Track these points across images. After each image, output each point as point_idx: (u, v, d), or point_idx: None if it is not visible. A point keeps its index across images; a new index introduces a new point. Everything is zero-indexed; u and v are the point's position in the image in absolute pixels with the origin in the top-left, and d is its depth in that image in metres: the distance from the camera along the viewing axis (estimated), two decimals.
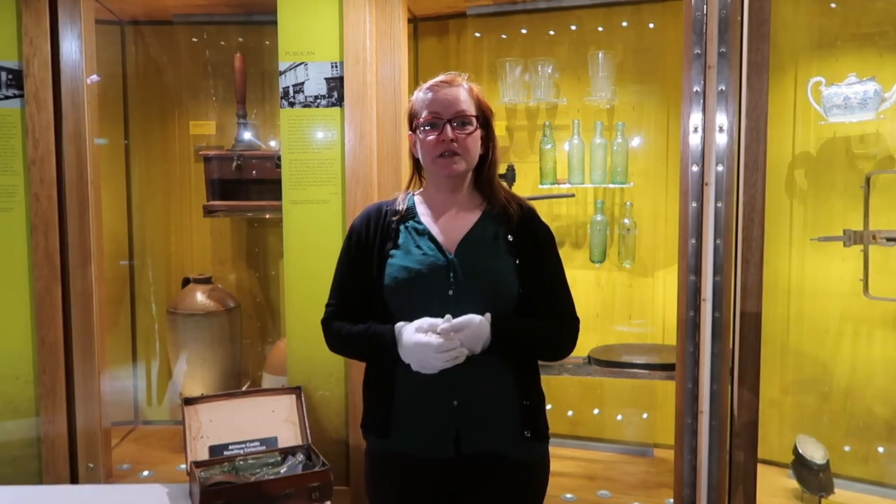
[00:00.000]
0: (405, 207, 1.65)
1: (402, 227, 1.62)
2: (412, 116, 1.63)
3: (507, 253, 1.60)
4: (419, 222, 1.62)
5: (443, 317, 1.51)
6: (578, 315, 1.67)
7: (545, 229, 1.68)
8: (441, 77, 1.62)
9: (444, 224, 1.62)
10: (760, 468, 2.29)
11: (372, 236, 1.63)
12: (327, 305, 1.68)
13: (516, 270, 1.58)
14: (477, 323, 1.50)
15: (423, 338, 1.48)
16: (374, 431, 1.62)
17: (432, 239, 1.59)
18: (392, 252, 1.59)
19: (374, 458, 1.66)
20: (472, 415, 1.55)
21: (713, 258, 2.16)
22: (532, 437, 1.59)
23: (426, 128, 1.58)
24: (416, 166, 1.69)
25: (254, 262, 3.56)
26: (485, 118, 1.63)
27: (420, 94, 1.61)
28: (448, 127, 1.55)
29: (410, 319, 1.55)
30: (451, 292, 1.54)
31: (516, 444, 1.58)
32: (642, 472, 3.00)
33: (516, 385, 1.59)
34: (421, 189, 1.70)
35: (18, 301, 2.67)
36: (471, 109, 1.59)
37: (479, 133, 1.60)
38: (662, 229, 3.12)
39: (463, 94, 1.59)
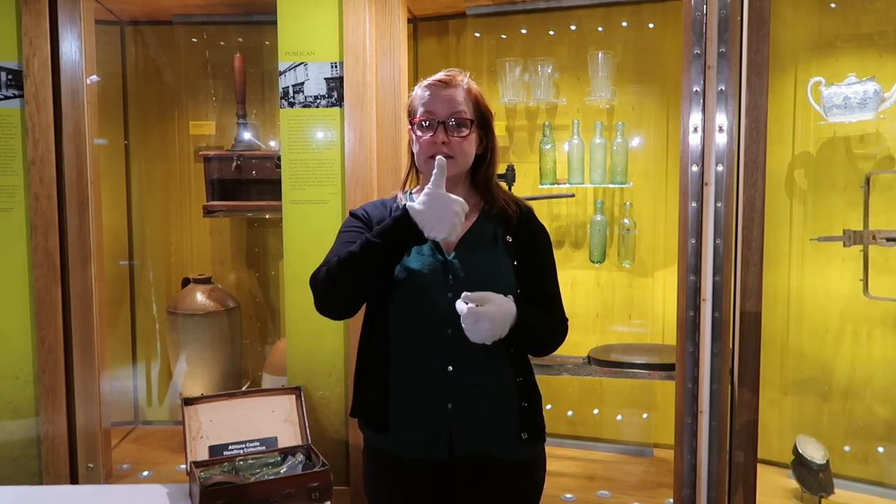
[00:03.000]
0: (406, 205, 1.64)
1: None
2: (410, 112, 1.63)
3: (505, 253, 1.59)
4: None
5: (441, 320, 1.51)
6: (574, 314, 1.68)
7: (542, 229, 1.68)
8: (441, 75, 1.60)
9: None
10: (760, 468, 2.29)
11: (377, 225, 1.59)
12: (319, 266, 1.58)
13: (514, 271, 1.58)
14: (503, 299, 1.47)
15: (440, 191, 1.44)
16: (371, 426, 1.61)
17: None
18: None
19: (371, 454, 1.66)
20: (467, 417, 1.55)
21: (713, 258, 2.16)
22: (529, 439, 1.59)
23: (421, 126, 1.57)
24: (414, 161, 1.68)
25: (254, 262, 3.56)
26: (483, 119, 1.62)
27: (419, 91, 1.61)
28: (442, 128, 1.54)
29: (408, 322, 1.54)
30: (450, 294, 1.53)
31: (513, 445, 1.58)
32: (642, 472, 3.00)
33: (517, 387, 1.59)
34: (418, 187, 1.70)
35: (18, 301, 2.67)
36: (467, 111, 1.58)
37: (474, 136, 1.59)
38: (662, 229, 3.12)
39: (461, 94, 1.58)
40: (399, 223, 1.44)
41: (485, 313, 1.42)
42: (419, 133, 1.58)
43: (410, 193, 1.68)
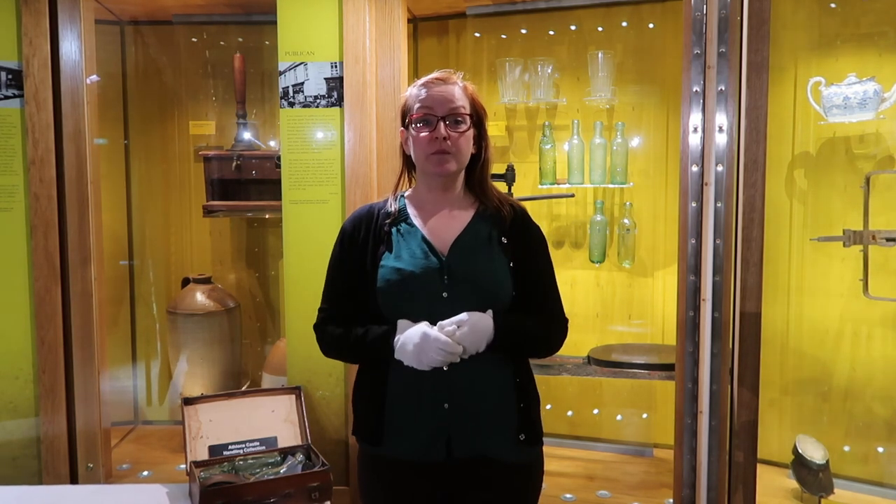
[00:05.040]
0: (396, 209, 1.63)
1: (393, 230, 1.60)
2: (405, 112, 1.61)
3: (501, 254, 1.58)
4: (411, 224, 1.60)
5: (438, 320, 1.51)
6: (574, 314, 1.68)
7: (537, 230, 1.67)
8: (436, 74, 1.59)
9: (436, 225, 1.60)
10: (760, 468, 2.29)
11: (363, 239, 1.61)
12: (320, 311, 1.67)
13: (510, 272, 1.58)
14: (478, 319, 1.50)
15: (431, 331, 1.48)
16: (366, 439, 1.61)
17: (424, 241, 1.57)
18: (384, 255, 1.57)
19: (366, 461, 1.65)
20: (464, 418, 1.54)
21: (713, 258, 2.16)
22: (527, 441, 1.58)
23: (419, 124, 1.56)
24: (407, 163, 1.67)
25: (254, 262, 3.56)
26: (478, 117, 1.60)
27: (413, 90, 1.59)
28: (441, 124, 1.53)
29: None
30: (444, 295, 1.53)
31: (510, 447, 1.57)
32: (642, 472, 3.00)
33: (515, 389, 1.58)
34: (411, 189, 1.68)
35: (18, 301, 2.67)
36: (465, 107, 1.57)
37: (471, 132, 1.58)
38: (662, 229, 3.12)
39: (457, 91, 1.57)
40: (382, 341, 1.54)
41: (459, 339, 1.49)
42: (416, 130, 1.56)
43: (402, 197, 1.67)
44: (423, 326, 1.49)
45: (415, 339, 1.48)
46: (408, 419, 1.56)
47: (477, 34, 3.27)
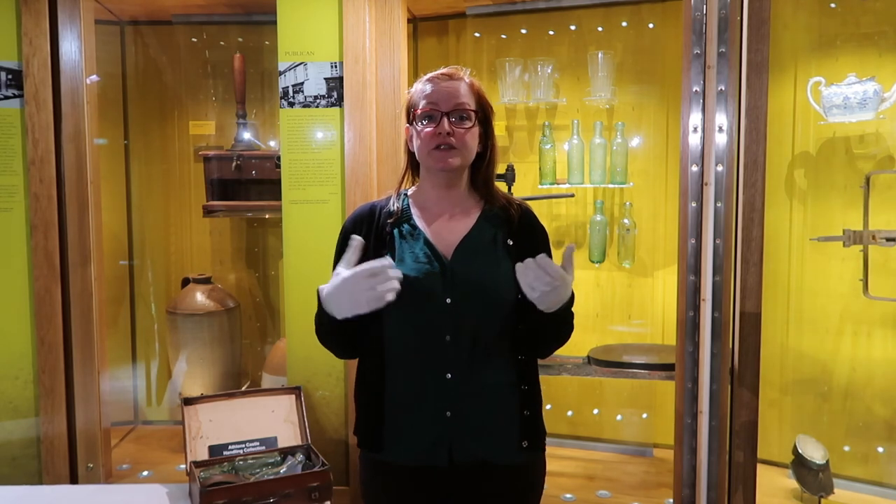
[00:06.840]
0: (399, 208, 1.60)
1: (395, 231, 1.57)
2: (410, 108, 1.59)
3: (506, 257, 1.56)
4: (414, 225, 1.58)
5: (441, 326, 1.49)
6: (576, 314, 1.68)
7: (542, 230, 1.66)
8: (442, 70, 1.58)
9: (440, 226, 1.58)
10: (760, 468, 2.29)
11: (364, 239, 1.57)
12: None
13: (514, 275, 1.57)
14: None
15: (344, 272, 1.42)
16: (367, 444, 1.59)
17: (427, 243, 1.55)
18: (386, 258, 1.53)
19: (368, 464, 1.63)
20: (466, 426, 1.52)
21: (713, 258, 2.16)
22: (529, 447, 1.57)
23: (423, 120, 1.54)
24: (411, 161, 1.64)
25: (253, 262, 3.56)
26: (484, 115, 1.59)
27: (419, 86, 1.58)
28: (445, 120, 1.51)
29: (405, 328, 1.52)
30: (448, 300, 1.51)
31: (513, 452, 1.56)
32: (642, 472, 3.00)
33: (520, 394, 1.57)
34: (414, 187, 1.66)
35: (18, 301, 2.67)
36: (470, 104, 1.55)
37: (477, 129, 1.56)
38: (662, 229, 3.12)
39: (463, 87, 1.56)
40: (320, 307, 1.47)
41: (568, 283, 1.49)
42: (421, 126, 1.54)
43: (405, 196, 1.64)
44: (340, 270, 1.43)
45: (341, 288, 1.42)
46: (409, 426, 1.54)
47: (477, 34, 3.27)
